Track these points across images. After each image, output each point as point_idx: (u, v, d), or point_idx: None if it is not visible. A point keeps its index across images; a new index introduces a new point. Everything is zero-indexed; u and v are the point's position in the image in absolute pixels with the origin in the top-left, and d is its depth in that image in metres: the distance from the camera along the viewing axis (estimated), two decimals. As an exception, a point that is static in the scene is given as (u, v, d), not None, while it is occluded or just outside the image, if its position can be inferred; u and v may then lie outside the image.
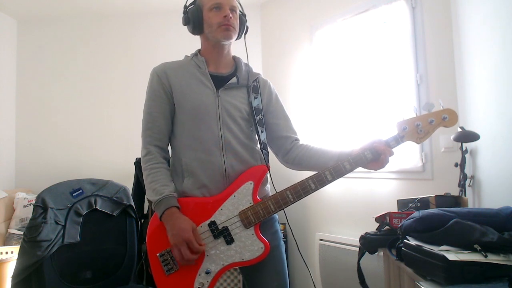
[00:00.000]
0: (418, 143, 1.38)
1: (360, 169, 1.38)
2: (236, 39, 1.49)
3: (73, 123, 3.39)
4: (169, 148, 1.50)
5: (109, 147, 3.34)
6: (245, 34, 1.51)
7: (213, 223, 1.34)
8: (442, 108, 1.35)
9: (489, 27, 1.64)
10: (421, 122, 1.35)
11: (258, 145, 1.48)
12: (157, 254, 1.35)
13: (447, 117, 1.35)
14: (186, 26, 1.49)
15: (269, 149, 1.52)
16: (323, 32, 2.81)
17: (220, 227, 1.34)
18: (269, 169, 1.43)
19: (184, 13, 1.47)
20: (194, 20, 1.43)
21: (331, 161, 1.39)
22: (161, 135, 1.43)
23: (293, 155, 1.50)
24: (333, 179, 1.35)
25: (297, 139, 1.54)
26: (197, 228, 1.32)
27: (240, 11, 1.47)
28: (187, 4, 1.48)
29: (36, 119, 3.41)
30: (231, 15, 1.40)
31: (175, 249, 1.29)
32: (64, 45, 3.45)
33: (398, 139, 1.36)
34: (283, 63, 3.14)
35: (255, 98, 1.47)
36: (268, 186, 1.50)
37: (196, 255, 1.29)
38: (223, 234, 1.34)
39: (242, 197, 1.36)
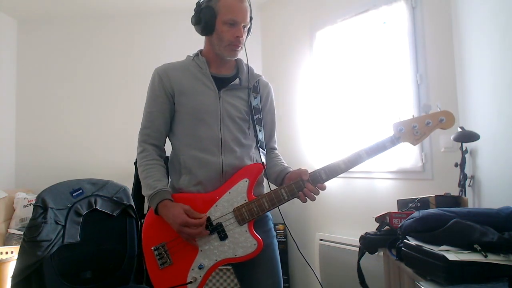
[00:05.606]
0: (414, 145, 1.38)
1: (360, 168, 1.39)
2: None
3: (73, 123, 3.39)
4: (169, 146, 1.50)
5: (109, 147, 3.34)
6: (247, 35, 1.46)
7: (207, 219, 1.36)
8: (439, 110, 1.36)
9: (489, 27, 1.64)
10: (417, 123, 1.36)
11: (256, 145, 1.49)
12: (152, 248, 1.37)
13: (444, 119, 1.35)
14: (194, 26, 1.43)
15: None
16: (323, 32, 2.81)
17: (214, 223, 1.36)
18: (265, 168, 1.44)
19: (196, 11, 1.41)
20: (206, 23, 1.38)
21: (273, 175, 1.49)
22: (159, 134, 1.46)
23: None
24: (327, 179, 1.36)
25: (272, 148, 1.59)
26: (190, 208, 1.33)
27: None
28: (200, 2, 1.41)
29: (36, 119, 3.41)
30: (243, 36, 1.38)
31: (181, 234, 1.32)
32: (64, 45, 3.45)
33: (394, 140, 1.36)
34: (283, 64, 3.14)
35: (255, 97, 1.49)
36: (264, 185, 1.51)
37: (201, 227, 1.31)
38: (217, 230, 1.35)
39: (237, 194, 1.37)
